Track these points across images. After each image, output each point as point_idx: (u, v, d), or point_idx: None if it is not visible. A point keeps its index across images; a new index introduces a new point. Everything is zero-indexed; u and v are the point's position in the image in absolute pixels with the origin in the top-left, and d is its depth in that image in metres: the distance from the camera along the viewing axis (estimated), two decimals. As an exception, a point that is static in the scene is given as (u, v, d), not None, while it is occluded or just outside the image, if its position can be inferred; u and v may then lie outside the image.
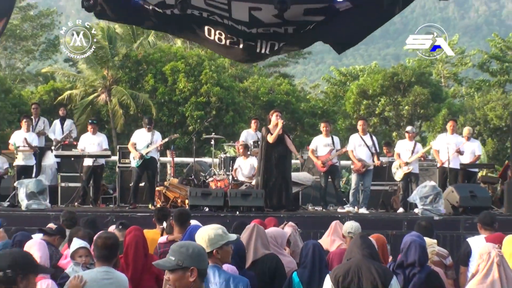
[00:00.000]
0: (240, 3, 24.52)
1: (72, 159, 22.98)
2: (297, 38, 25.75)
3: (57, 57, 58.56)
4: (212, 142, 24.71)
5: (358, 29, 26.03)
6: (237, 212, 19.16)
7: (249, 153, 22.11)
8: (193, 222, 11.57)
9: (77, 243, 9.36)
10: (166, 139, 22.93)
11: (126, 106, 45.16)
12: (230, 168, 22.38)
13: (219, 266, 7.57)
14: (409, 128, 23.01)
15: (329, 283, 7.99)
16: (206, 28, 25.13)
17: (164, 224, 12.44)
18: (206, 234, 7.53)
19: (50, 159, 23.68)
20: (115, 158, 23.90)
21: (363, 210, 20.74)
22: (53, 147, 23.63)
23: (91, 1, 23.35)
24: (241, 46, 25.20)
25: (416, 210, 19.70)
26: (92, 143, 22.33)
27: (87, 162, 22.25)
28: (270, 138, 20.19)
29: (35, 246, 8.67)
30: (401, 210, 21.36)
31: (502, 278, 8.18)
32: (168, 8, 24.97)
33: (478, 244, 10.63)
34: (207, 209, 19.35)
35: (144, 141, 21.48)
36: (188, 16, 25.13)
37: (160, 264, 6.41)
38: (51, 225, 11.88)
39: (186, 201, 20.07)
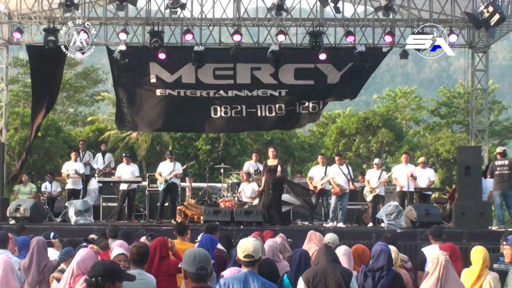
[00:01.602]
0: (244, 65, 24.92)
1: (111, 184, 23.22)
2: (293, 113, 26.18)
3: (100, 104, 58.82)
4: (222, 171, 24.78)
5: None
6: (241, 226, 19.27)
7: (251, 179, 22.15)
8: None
9: (117, 250, 9.43)
10: (185, 166, 23.10)
11: (149, 142, 45.33)
12: (236, 191, 22.43)
13: (256, 272, 7.32)
14: (376, 160, 23.12)
15: (302, 283, 8.03)
16: (212, 108, 25.54)
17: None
18: (253, 244, 7.34)
19: (94, 184, 23.79)
20: (145, 183, 23.99)
21: (340, 225, 20.82)
22: (96, 175, 23.74)
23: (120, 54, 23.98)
24: (244, 113, 25.56)
25: (382, 224, 19.76)
26: (126, 172, 22.49)
27: (123, 186, 22.45)
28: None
29: (80, 253, 8.78)
30: (370, 224, 21.47)
31: (442, 277, 8.39)
32: (182, 87, 25.51)
33: (431, 252, 10.71)
34: (217, 224, 19.35)
35: (167, 170, 21.78)
36: (197, 98, 25.58)
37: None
38: (93, 236, 11.97)
39: (201, 217, 20.12)
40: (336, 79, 25.47)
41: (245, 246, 7.30)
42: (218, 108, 25.81)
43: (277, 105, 25.85)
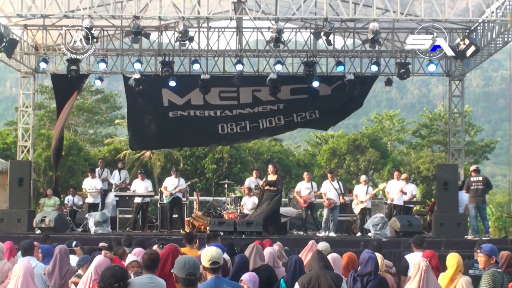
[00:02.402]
0: (246, 88, 25.19)
1: (127, 198, 23.18)
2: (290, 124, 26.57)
3: (117, 126, 58.75)
4: (226, 186, 24.79)
5: (333, 115, 26.87)
6: (243, 235, 19.18)
7: (251, 193, 22.13)
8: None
9: (131, 257, 9.48)
10: (189, 182, 23.10)
11: (163, 160, 45.37)
12: (238, 204, 22.40)
13: (221, 276, 7.21)
14: (363, 177, 23.09)
15: None
16: (219, 126, 25.87)
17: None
18: (217, 251, 7.35)
19: (111, 198, 23.78)
20: (157, 197, 23.95)
21: (332, 234, 20.79)
22: (113, 189, 23.72)
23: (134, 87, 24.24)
24: (248, 128, 25.83)
25: (369, 234, 19.70)
26: (140, 187, 22.48)
27: (137, 200, 22.42)
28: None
29: (97, 259, 8.96)
30: (359, 234, 21.41)
31: (424, 281, 8.40)
32: (191, 107, 25.85)
33: (413, 258, 10.71)
34: (222, 233, 19.30)
35: (172, 184, 21.83)
36: (206, 118, 25.84)
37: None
38: (103, 244, 11.99)
39: (207, 228, 20.07)
40: (328, 92, 25.83)
41: (210, 254, 7.26)
42: (225, 125, 26.23)
43: (276, 117, 26.24)
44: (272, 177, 20.82)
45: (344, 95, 25.36)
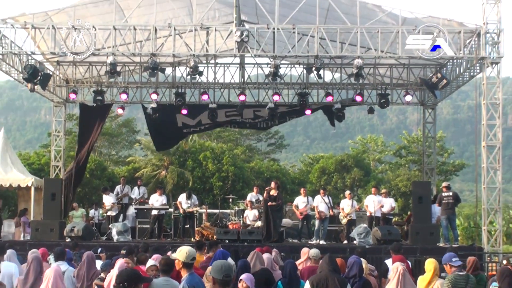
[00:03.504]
0: (248, 109, 25.63)
1: (145, 210, 23.16)
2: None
3: (137, 148, 58.62)
4: (230, 200, 24.80)
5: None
6: (245, 243, 19.18)
7: (253, 207, 22.15)
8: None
9: (150, 262, 9.53)
10: (198, 208, 22.99)
11: (176, 178, 45.41)
12: (241, 216, 22.40)
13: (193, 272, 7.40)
14: (347, 192, 23.17)
15: (308, 286, 7.99)
16: (224, 124, 26.63)
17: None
18: (192, 250, 7.46)
19: (131, 210, 23.75)
20: (171, 210, 23.90)
21: (322, 242, 20.77)
22: (133, 203, 23.69)
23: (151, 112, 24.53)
24: (247, 125, 26.54)
25: (355, 242, 19.68)
26: (157, 201, 22.47)
27: (154, 212, 22.40)
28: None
29: (119, 263, 8.94)
30: (345, 242, 21.37)
31: (401, 282, 8.42)
32: (202, 125, 26.48)
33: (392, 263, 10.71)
34: (227, 241, 19.32)
35: (185, 203, 21.80)
36: (213, 124, 26.45)
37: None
38: (123, 252, 12.03)
39: (215, 236, 20.06)
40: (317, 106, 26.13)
41: (190, 251, 7.36)
42: (229, 126, 28.45)
43: (271, 123, 27.53)
44: (273, 192, 20.82)
45: (329, 109, 25.61)
